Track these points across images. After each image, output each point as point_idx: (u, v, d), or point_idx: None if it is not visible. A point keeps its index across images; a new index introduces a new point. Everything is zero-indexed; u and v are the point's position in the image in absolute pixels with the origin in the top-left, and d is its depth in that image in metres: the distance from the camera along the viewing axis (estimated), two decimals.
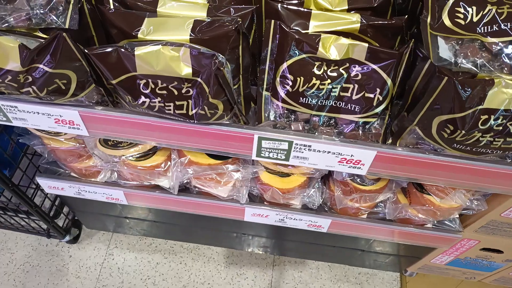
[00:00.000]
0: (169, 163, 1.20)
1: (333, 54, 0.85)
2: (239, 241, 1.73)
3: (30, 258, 1.83)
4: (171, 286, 1.79)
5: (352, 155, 0.94)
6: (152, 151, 1.19)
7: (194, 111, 0.86)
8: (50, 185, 1.34)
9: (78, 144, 1.21)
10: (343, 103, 0.91)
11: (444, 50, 0.81)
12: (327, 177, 1.30)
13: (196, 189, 1.29)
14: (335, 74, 0.87)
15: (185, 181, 1.28)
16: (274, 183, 1.19)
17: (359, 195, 1.19)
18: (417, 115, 0.85)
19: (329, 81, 0.88)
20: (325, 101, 0.90)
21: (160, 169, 1.19)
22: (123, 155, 1.17)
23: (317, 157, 0.97)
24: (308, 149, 0.95)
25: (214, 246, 1.89)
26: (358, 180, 1.18)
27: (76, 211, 1.63)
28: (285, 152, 0.97)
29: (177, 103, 0.86)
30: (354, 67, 0.87)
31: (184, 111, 0.87)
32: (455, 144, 0.86)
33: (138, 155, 1.18)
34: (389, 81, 0.87)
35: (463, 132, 0.82)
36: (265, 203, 1.31)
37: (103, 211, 1.56)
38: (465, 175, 0.94)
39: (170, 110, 0.87)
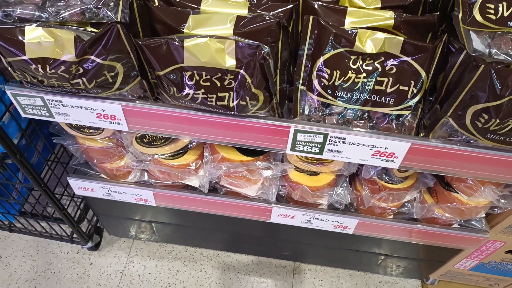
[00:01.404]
0: (200, 162, 1.23)
1: (369, 48, 0.89)
2: (260, 247, 1.73)
3: (51, 265, 1.83)
4: None
5: (386, 147, 0.97)
6: (184, 150, 1.22)
7: (235, 103, 0.90)
8: (80, 186, 1.36)
9: (111, 144, 1.24)
10: (378, 96, 0.94)
11: (477, 43, 0.84)
12: (353, 178, 1.32)
13: (224, 189, 1.31)
14: (370, 67, 0.91)
15: (214, 182, 1.31)
16: (303, 181, 1.21)
17: (387, 194, 1.21)
18: (452, 105, 0.88)
19: (364, 74, 0.91)
20: (360, 95, 0.94)
21: (191, 167, 1.21)
22: (156, 154, 1.20)
23: (351, 150, 0.99)
24: (343, 141, 0.97)
25: (234, 253, 1.89)
26: (386, 178, 1.20)
27: (100, 215, 1.65)
28: (319, 146, 1.00)
29: (219, 94, 0.89)
30: (389, 60, 0.90)
31: (225, 103, 0.90)
32: (489, 134, 0.89)
33: (170, 154, 1.21)
34: (423, 74, 0.90)
35: (497, 121, 0.85)
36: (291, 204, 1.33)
37: (128, 214, 1.58)
38: (499, 167, 0.96)
39: (212, 101, 0.90)
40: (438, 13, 0.91)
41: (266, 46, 0.81)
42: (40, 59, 0.83)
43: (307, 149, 1.01)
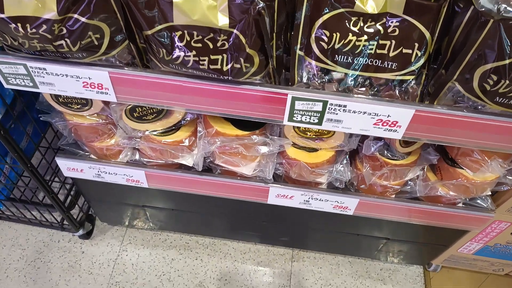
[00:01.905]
0: (193, 139, 1.18)
1: (371, 7, 0.84)
2: (258, 232, 1.68)
3: (41, 254, 1.77)
4: (187, 283, 1.73)
5: (388, 115, 0.92)
6: (176, 127, 1.16)
7: (229, 66, 0.85)
8: (69, 167, 1.31)
9: (101, 120, 1.18)
10: (380, 60, 0.88)
11: (485, 1, 0.79)
12: (353, 157, 1.27)
13: (219, 168, 1.26)
14: (371, 30, 0.86)
15: (208, 161, 1.25)
16: (302, 158, 1.16)
17: (389, 170, 1.16)
18: (458, 67, 0.83)
19: (365, 37, 0.86)
20: (361, 59, 0.88)
21: (184, 144, 1.16)
22: (147, 130, 1.15)
23: (352, 120, 0.94)
24: (343, 109, 0.92)
25: (231, 240, 1.84)
26: (388, 154, 1.15)
27: (91, 201, 1.59)
28: (319, 115, 0.95)
29: (212, 57, 0.84)
30: (392, 22, 0.85)
31: (218, 66, 0.85)
32: (497, 98, 0.84)
33: (162, 130, 1.16)
34: (427, 35, 0.85)
35: (507, 82, 0.80)
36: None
37: (120, 199, 1.52)
38: (508, 135, 0.91)
39: (204, 65, 0.85)
40: None
41: (261, 1, 0.76)
42: (20, 18, 0.78)
43: (305, 119, 0.96)
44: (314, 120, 0.96)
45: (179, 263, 1.78)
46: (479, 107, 0.88)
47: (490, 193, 1.22)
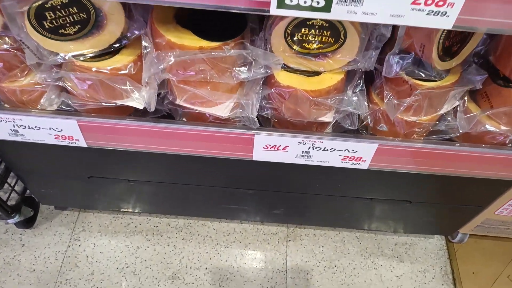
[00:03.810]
0: (140, 64, 0.82)
1: None
2: (243, 206, 1.33)
3: None
4: (157, 275, 1.37)
5: None
6: (114, 49, 0.80)
7: None
8: None
9: (5, 46, 0.81)
10: None
11: None
12: (366, 88, 0.92)
13: (183, 111, 0.91)
14: None
15: (167, 102, 0.89)
16: (298, 84, 0.81)
17: (422, 96, 0.82)
18: None
19: None
20: None
21: (125, 71, 0.80)
22: (72, 53, 0.78)
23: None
24: None
25: (210, 220, 1.49)
26: (420, 73, 0.81)
27: (19, 174, 1.21)
28: None
29: None
30: None
31: None
32: None
33: (93, 54, 0.79)
34: None
35: None
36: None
37: (56, 168, 1.15)
38: None
39: None
40: None
41: None
42: None
43: (305, 2, 0.61)
44: (318, 3, 0.61)
45: (146, 252, 1.42)
46: None
47: None
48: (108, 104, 0.87)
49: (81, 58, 0.80)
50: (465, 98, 0.91)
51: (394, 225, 1.38)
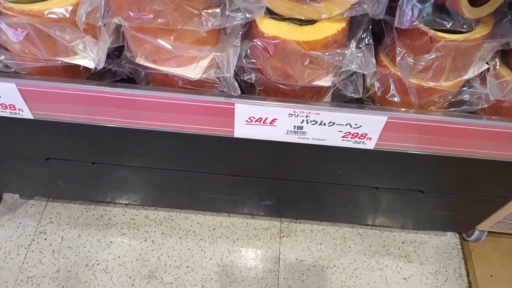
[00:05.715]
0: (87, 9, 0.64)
1: None
2: (228, 195, 1.16)
3: None
4: (131, 274, 1.21)
5: None
6: None
7: None
8: None
9: None
10: None
11: None
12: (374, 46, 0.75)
13: (146, 71, 0.74)
14: None
15: (124, 62, 0.72)
16: (288, 35, 0.64)
17: (446, 49, 0.64)
18: None
19: None
20: None
21: (61, 15, 0.63)
22: None
23: None
24: None
25: (194, 213, 1.32)
26: (444, 21, 0.63)
27: None
28: None
29: None
30: None
31: None
32: None
33: None
34: None
35: None
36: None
37: (11, 150, 0.98)
38: None
39: None
40: None
41: None
42: None
43: None
44: None
45: (120, 247, 1.25)
46: None
47: None
48: (51, 63, 0.70)
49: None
50: (496, 59, 0.73)
51: (403, 220, 1.20)
